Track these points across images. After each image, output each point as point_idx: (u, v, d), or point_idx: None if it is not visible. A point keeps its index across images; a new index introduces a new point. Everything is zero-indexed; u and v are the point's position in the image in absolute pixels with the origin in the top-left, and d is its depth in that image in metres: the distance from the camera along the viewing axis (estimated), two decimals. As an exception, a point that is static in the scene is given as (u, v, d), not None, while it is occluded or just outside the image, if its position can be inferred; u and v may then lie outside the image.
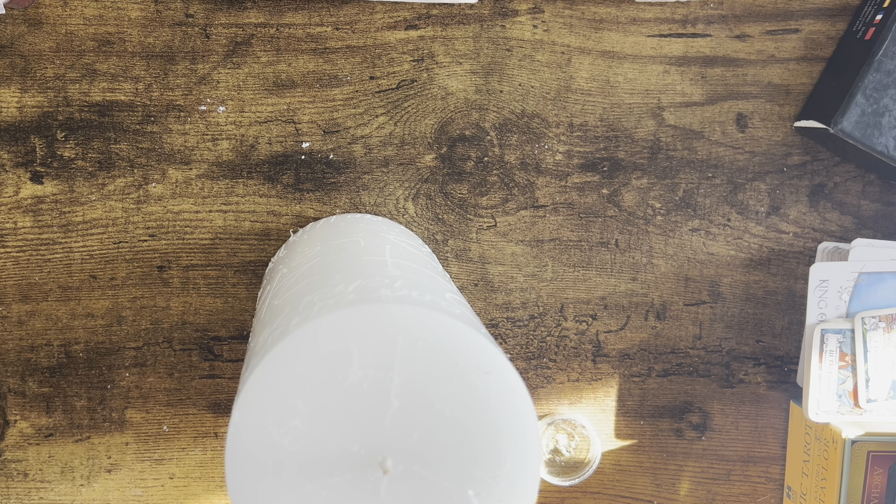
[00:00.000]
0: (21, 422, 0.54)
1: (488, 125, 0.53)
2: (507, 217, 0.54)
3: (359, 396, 0.32)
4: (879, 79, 0.49)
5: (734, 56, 0.53)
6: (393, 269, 0.38)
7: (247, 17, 0.51)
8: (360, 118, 0.53)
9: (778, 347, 0.56)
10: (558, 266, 0.55)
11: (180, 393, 0.54)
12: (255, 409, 0.31)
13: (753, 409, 0.56)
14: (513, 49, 0.52)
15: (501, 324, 0.55)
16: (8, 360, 0.53)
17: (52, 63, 0.51)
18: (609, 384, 0.56)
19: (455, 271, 0.54)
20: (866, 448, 0.50)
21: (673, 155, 0.54)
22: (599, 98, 0.53)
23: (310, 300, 0.34)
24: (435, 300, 0.34)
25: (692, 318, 0.55)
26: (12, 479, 0.54)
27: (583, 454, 0.56)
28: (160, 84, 0.51)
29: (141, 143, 0.52)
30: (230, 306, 0.54)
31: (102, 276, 0.53)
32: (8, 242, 0.52)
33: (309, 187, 0.53)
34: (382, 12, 0.52)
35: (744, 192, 0.54)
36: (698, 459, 0.57)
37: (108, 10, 0.51)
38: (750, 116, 0.54)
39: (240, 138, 0.52)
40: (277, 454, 0.32)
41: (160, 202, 0.53)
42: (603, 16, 0.52)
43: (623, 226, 0.54)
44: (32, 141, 0.51)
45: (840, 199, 0.55)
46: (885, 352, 0.51)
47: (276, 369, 0.31)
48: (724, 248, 0.55)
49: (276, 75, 0.52)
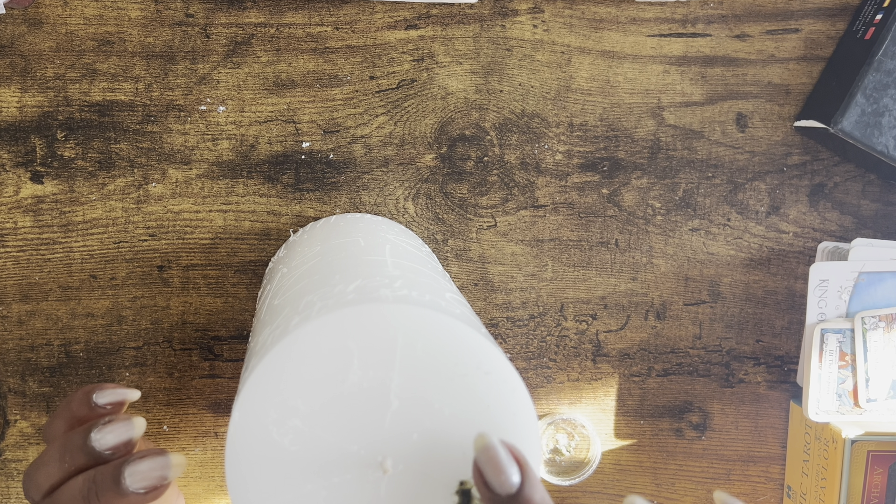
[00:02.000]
0: (21, 421, 0.54)
1: (488, 125, 0.53)
2: (507, 217, 0.54)
3: (359, 396, 0.32)
4: (879, 78, 0.49)
5: (734, 56, 0.53)
6: (393, 268, 0.38)
7: (247, 17, 0.51)
8: (360, 118, 0.53)
9: (778, 347, 0.56)
10: (558, 266, 0.55)
11: (180, 393, 0.54)
12: (255, 408, 0.31)
13: (753, 408, 0.56)
14: (513, 49, 0.52)
15: (501, 323, 0.55)
16: (8, 360, 0.53)
17: (53, 63, 0.51)
18: (609, 384, 0.56)
19: (455, 271, 0.54)
20: (866, 448, 0.50)
21: (673, 155, 0.54)
22: (599, 98, 0.53)
23: (310, 300, 0.34)
24: (435, 300, 0.34)
25: (692, 317, 0.55)
26: (12, 479, 0.54)
27: (583, 454, 0.56)
28: (160, 84, 0.51)
29: (141, 142, 0.52)
30: (230, 306, 0.54)
31: (102, 275, 0.53)
32: (8, 242, 0.52)
33: (309, 187, 0.53)
34: (382, 12, 0.52)
35: (744, 192, 0.54)
36: (698, 459, 0.57)
37: (108, 10, 0.51)
38: (750, 116, 0.54)
39: (240, 138, 0.52)
40: (277, 454, 0.32)
41: (160, 202, 0.53)
42: (603, 15, 0.52)
43: (623, 226, 0.54)
44: (32, 141, 0.51)
45: (840, 199, 0.55)
46: (885, 351, 0.51)
47: (276, 369, 0.31)
48: (724, 247, 0.55)
49: (276, 75, 0.52)
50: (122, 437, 0.35)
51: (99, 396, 0.38)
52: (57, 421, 0.39)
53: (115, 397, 0.39)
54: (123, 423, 0.36)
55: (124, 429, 0.35)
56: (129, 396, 0.39)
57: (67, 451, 0.36)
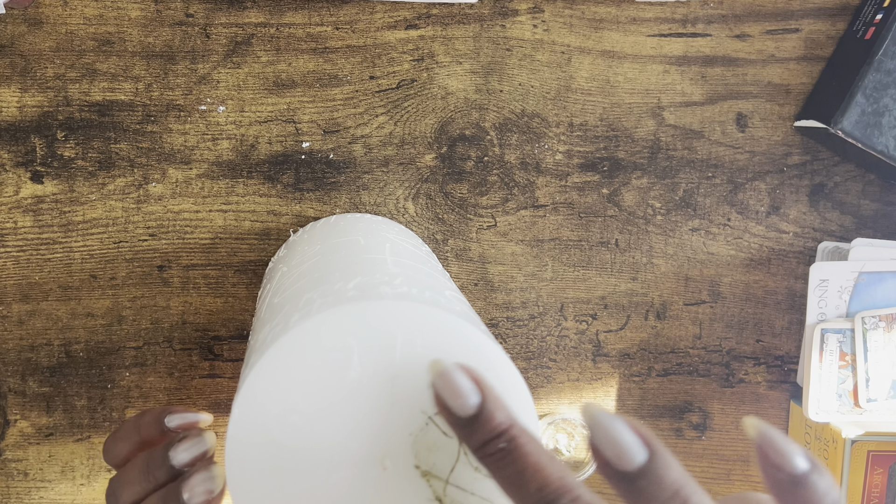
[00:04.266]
0: (21, 421, 0.54)
1: (488, 125, 0.53)
2: (507, 217, 0.54)
3: (359, 393, 0.32)
4: (879, 78, 0.49)
5: (734, 56, 0.53)
6: (393, 266, 0.38)
7: (247, 16, 0.51)
8: (360, 118, 0.53)
9: (778, 347, 0.56)
10: (558, 266, 0.55)
11: (180, 392, 0.54)
12: (255, 405, 0.31)
13: (753, 408, 0.56)
14: (513, 49, 0.52)
15: (501, 323, 0.55)
16: (8, 360, 0.53)
17: (53, 63, 0.51)
18: (609, 384, 0.56)
19: (455, 271, 0.54)
20: (866, 448, 0.50)
21: (673, 155, 0.54)
22: (599, 98, 0.53)
23: (310, 297, 0.34)
24: (435, 297, 0.34)
25: (692, 317, 0.55)
26: (12, 479, 0.54)
27: (583, 454, 0.56)
28: (160, 84, 0.52)
29: (141, 142, 0.52)
30: (230, 306, 0.54)
31: (102, 275, 0.53)
32: (8, 242, 0.52)
33: (309, 187, 0.53)
34: (382, 12, 0.52)
35: (744, 192, 0.54)
36: (698, 459, 0.57)
37: (108, 10, 0.51)
38: (750, 116, 0.54)
39: (240, 138, 0.52)
40: (277, 451, 0.32)
41: (160, 202, 0.53)
42: (603, 15, 0.53)
43: (623, 225, 0.54)
44: (32, 140, 0.52)
45: (840, 199, 0.55)
46: (885, 351, 0.51)
47: (276, 366, 0.31)
48: (724, 247, 0.55)
49: (276, 75, 0.52)
50: (196, 452, 0.39)
51: (171, 420, 0.42)
52: (121, 444, 0.42)
53: (186, 420, 0.42)
54: (196, 440, 0.39)
55: (197, 446, 0.39)
56: (200, 420, 0.42)
57: (150, 469, 0.39)
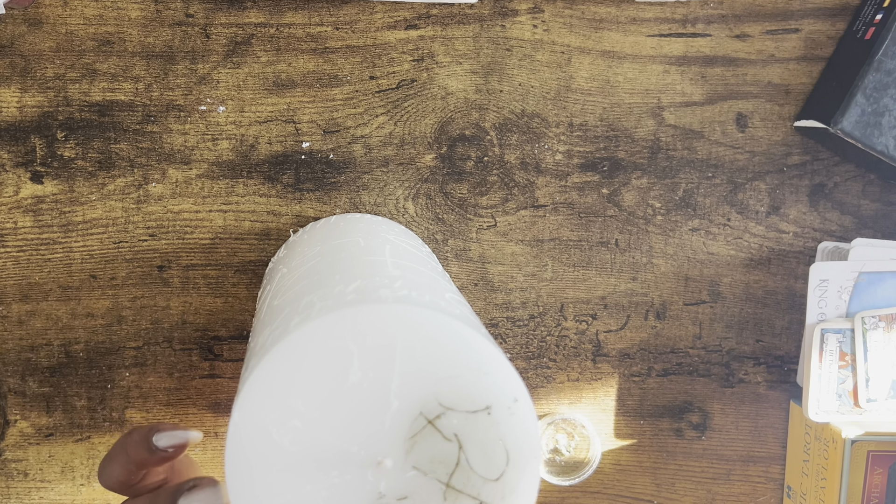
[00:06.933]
0: (21, 421, 0.54)
1: (488, 125, 0.53)
2: (507, 217, 0.54)
3: (358, 396, 0.32)
4: (879, 78, 0.49)
5: (734, 56, 0.53)
6: (393, 269, 0.38)
7: (247, 16, 0.51)
8: (360, 118, 0.53)
9: (778, 347, 0.56)
10: (558, 266, 0.55)
11: (180, 393, 0.54)
12: (254, 409, 0.31)
13: (753, 408, 0.56)
14: (513, 49, 0.52)
15: (501, 323, 0.55)
16: (8, 360, 0.53)
17: (52, 63, 0.51)
18: (609, 384, 0.56)
19: (455, 271, 0.54)
20: (866, 448, 0.50)
21: (673, 155, 0.54)
22: (599, 98, 0.53)
23: (309, 300, 0.34)
24: (435, 300, 0.34)
25: (692, 317, 0.55)
26: (12, 479, 0.54)
27: (583, 454, 0.56)
28: (160, 84, 0.51)
29: (141, 142, 0.52)
30: (230, 306, 0.54)
31: (102, 275, 0.53)
32: (8, 242, 0.52)
33: (309, 187, 0.53)
34: (382, 12, 0.52)
35: (744, 192, 0.54)
36: (698, 459, 0.57)
37: (108, 10, 0.51)
38: (750, 116, 0.54)
39: (240, 138, 0.52)
40: (277, 454, 0.32)
41: (160, 202, 0.53)
42: (603, 15, 0.52)
43: (623, 225, 0.54)
44: (32, 141, 0.51)
45: (840, 199, 0.55)
46: (885, 351, 0.51)
47: (276, 369, 0.31)
48: (724, 247, 0.55)
49: (276, 75, 0.52)
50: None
51: (159, 439, 0.37)
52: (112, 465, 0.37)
53: (176, 440, 0.37)
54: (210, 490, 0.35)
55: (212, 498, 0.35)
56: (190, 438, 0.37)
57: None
